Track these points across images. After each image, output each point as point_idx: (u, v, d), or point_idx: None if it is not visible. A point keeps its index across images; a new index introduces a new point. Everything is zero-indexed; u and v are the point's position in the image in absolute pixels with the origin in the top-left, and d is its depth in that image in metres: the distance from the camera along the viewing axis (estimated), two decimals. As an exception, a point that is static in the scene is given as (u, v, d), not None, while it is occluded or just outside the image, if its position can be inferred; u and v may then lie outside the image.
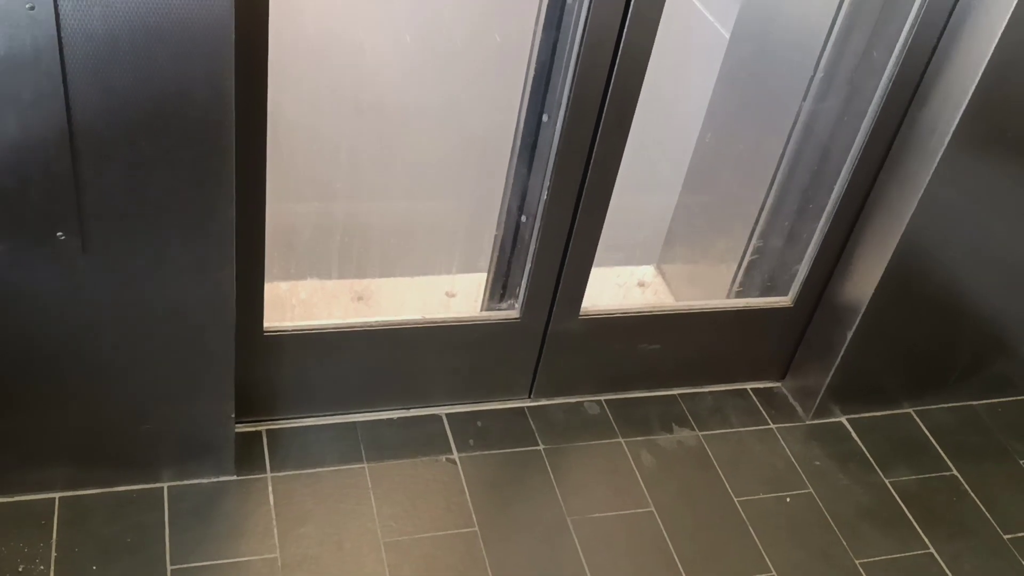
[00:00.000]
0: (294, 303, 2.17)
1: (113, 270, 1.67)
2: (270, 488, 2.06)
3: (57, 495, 1.95)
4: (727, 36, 2.41)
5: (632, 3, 1.78)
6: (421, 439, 2.23)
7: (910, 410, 2.60)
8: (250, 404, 2.13)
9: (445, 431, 2.26)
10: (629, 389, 2.45)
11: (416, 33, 2.22)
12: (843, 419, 2.52)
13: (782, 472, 2.34)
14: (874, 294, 2.26)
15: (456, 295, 2.25)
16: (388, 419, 2.25)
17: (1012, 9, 1.86)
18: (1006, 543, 2.29)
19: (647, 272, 2.64)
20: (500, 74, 2.08)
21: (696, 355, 2.46)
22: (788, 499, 2.28)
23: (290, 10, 1.78)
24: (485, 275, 2.24)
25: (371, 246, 2.38)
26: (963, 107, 1.98)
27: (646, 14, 1.81)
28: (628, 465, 2.27)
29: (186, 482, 2.02)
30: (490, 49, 2.21)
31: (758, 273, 2.46)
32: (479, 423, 2.30)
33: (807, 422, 2.49)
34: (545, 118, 1.98)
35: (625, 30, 1.82)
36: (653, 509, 2.18)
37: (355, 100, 2.23)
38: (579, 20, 1.82)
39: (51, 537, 1.88)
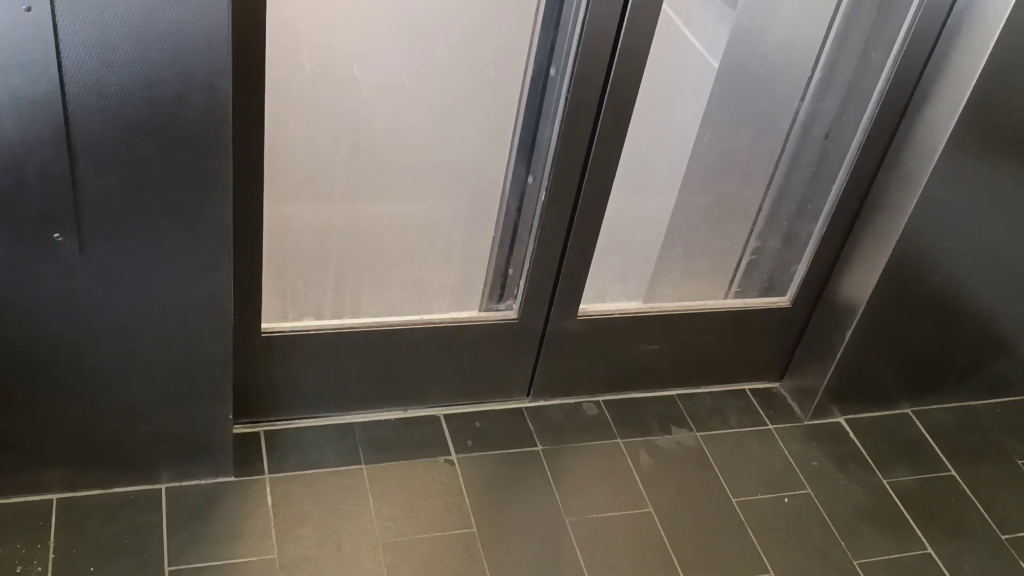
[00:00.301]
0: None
1: (110, 271, 1.67)
2: (268, 489, 2.06)
3: (55, 496, 1.95)
4: (716, 66, 2.41)
5: (629, 6, 1.79)
6: (419, 440, 2.23)
7: (908, 410, 2.60)
8: (248, 405, 2.13)
9: (443, 432, 2.26)
10: (627, 390, 2.45)
11: (413, 33, 2.22)
12: (841, 419, 2.52)
13: (780, 473, 2.34)
14: (872, 294, 2.26)
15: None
16: (386, 420, 2.26)
17: (1009, 11, 1.86)
18: (1004, 543, 2.29)
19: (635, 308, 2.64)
20: (498, 75, 2.08)
21: (694, 355, 2.46)
22: (786, 500, 2.28)
23: (285, 19, 1.78)
24: (475, 312, 2.25)
25: (367, 252, 2.38)
26: (961, 108, 1.98)
27: (642, 16, 1.81)
28: (626, 466, 2.27)
29: (184, 483, 2.02)
30: (489, 49, 2.21)
31: (756, 274, 2.46)
32: (477, 424, 2.30)
33: (805, 422, 2.49)
34: (544, 118, 1.98)
35: (622, 32, 1.82)
36: (651, 510, 2.18)
37: (351, 103, 2.23)
38: (576, 21, 1.82)
39: (49, 538, 1.88)
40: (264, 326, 2.02)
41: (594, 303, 2.27)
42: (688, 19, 2.44)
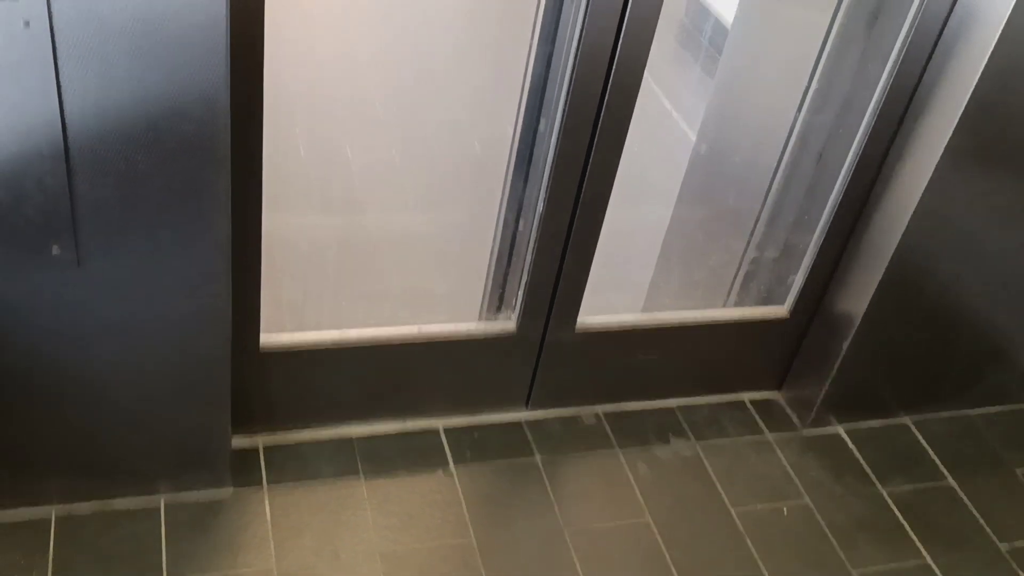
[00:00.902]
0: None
1: (108, 283, 1.67)
2: (267, 500, 2.06)
3: (53, 508, 1.95)
4: (691, 134, 2.43)
5: (627, 12, 1.79)
6: (418, 451, 2.23)
7: (906, 420, 2.60)
8: (247, 417, 2.13)
9: (442, 443, 2.26)
10: (626, 400, 2.45)
11: (412, 38, 2.23)
12: (839, 429, 2.52)
13: (778, 483, 2.34)
14: (870, 304, 2.26)
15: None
16: (385, 432, 2.25)
17: (1004, 23, 1.87)
18: (1002, 553, 2.28)
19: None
20: (497, 86, 2.09)
21: (693, 366, 2.46)
22: (784, 510, 2.28)
23: (280, 28, 1.78)
24: (474, 323, 2.25)
25: (366, 264, 2.38)
26: (957, 118, 1.99)
27: (641, 24, 1.82)
28: (625, 476, 2.27)
29: (183, 494, 2.02)
30: (487, 59, 2.22)
31: (754, 284, 2.46)
32: (476, 435, 2.30)
33: (803, 432, 2.49)
34: (542, 129, 1.99)
35: (620, 42, 1.83)
36: (650, 520, 2.18)
37: (351, 110, 2.23)
38: (575, 32, 1.82)
39: (48, 550, 1.88)
40: (263, 338, 2.02)
41: (592, 314, 2.27)
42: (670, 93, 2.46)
